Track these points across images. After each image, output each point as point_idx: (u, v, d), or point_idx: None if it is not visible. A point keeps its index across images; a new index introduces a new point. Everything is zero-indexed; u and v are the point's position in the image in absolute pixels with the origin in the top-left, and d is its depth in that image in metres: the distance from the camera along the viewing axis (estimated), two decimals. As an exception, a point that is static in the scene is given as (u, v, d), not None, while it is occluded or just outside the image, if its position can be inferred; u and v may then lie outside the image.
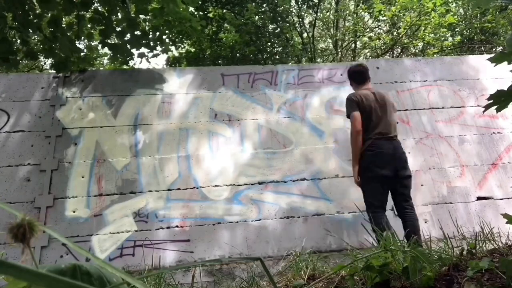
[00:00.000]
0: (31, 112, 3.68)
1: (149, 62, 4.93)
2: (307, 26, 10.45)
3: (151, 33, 4.13)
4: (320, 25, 10.80)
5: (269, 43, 8.86)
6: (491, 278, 0.98)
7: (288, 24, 9.27)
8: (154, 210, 3.38)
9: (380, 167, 2.73)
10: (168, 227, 3.33)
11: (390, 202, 3.58)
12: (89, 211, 3.31)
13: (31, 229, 0.44)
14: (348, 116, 2.93)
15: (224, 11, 9.15)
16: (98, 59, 10.44)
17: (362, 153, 2.82)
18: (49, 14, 3.76)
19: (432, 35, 9.23)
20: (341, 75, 4.25)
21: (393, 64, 4.39)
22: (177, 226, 3.34)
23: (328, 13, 10.63)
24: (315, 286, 1.20)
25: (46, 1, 3.44)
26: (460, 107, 4.15)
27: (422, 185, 3.69)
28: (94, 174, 3.47)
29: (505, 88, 1.13)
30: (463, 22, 9.97)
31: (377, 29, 10.09)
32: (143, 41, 4.08)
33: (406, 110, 4.08)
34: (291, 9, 9.45)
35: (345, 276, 1.15)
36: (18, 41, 4.13)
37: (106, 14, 3.86)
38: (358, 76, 3.10)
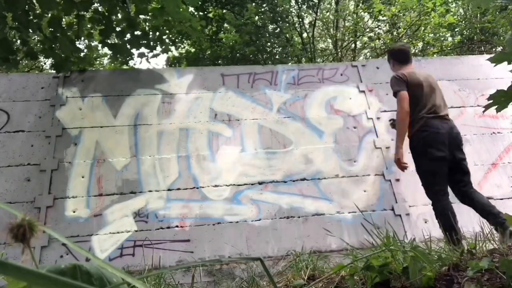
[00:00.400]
0: (31, 112, 3.68)
1: (149, 62, 4.94)
2: (307, 26, 10.45)
3: (151, 33, 4.14)
4: (320, 25, 10.80)
5: (269, 43, 8.86)
6: (491, 278, 0.98)
7: (288, 24, 9.27)
8: (154, 210, 3.38)
9: (436, 148, 2.53)
10: (168, 227, 3.33)
11: (390, 202, 3.58)
12: (89, 211, 3.31)
13: (31, 229, 0.44)
14: (395, 95, 2.75)
15: (224, 11, 9.16)
16: (98, 59, 10.44)
17: (414, 134, 2.64)
18: (49, 14, 3.76)
19: (432, 35, 9.23)
20: (341, 75, 4.25)
21: (393, 64, 4.39)
22: (177, 226, 3.34)
23: (328, 13, 10.63)
24: (315, 286, 1.20)
25: (46, 1, 3.44)
26: (460, 107, 4.15)
27: (422, 185, 3.68)
28: (94, 174, 3.47)
29: (505, 88, 1.13)
30: (463, 22, 9.97)
31: (377, 29, 10.09)
32: (143, 41, 4.08)
33: (406, 110, 4.07)
34: (291, 9, 9.46)
35: (345, 276, 1.15)
36: (18, 41, 4.13)
37: (106, 14, 3.86)
38: (402, 55, 2.94)
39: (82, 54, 4.05)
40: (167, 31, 4.53)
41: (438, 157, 2.53)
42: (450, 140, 2.58)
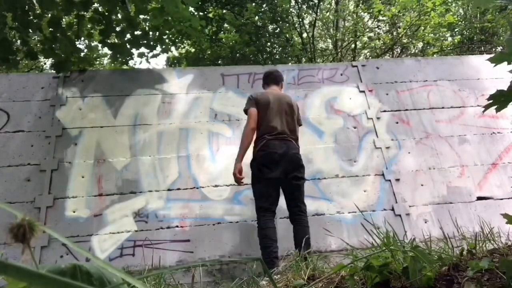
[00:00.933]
0: (31, 112, 3.68)
1: (149, 62, 4.94)
2: (307, 26, 10.45)
3: (151, 33, 4.14)
4: (320, 25, 10.80)
5: (269, 43, 8.86)
6: (491, 278, 0.98)
7: (288, 24, 9.27)
8: (154, 210, 3.38)
9: (269, 168, 2.70)
10: (168, 227, 3.33)
11: (390, 202, 3.58)
12: (89, 211, 3.31)
13: (31, 229, 0.44)
14: (246, 112, 2.94)
15: (224, 11, 9.15)
16: (98, 59, 10.44)
17: (255, 153, 2.82)
18: (49, 14, 3.76)
19: (432, 35, 9.23)
20: (341, 75, 4.25)
21: (393, 64, 4.39)
22: (177, 226, 3.34)
23: (328, 13, 10.63)
24: (315, 286, 1.20)
25: (45, 1, 3.44)
26: (460, 107, 4.15)
27: (422, 185, 3.69)
28: (94, 174, 3.47)
29: (505, 88, 1.13)
30: (463, 22, 9.97)
31: (377, 29, 10.08)
32: (143, 41, 4.08)
33: (406, 110, 4.08)
34: (291, 9, 9.45)
35: (345, 276, 1.15)
36: (18, 41, 4.13)
37: (106, 14, 3.86)
38: (265, 78, 3.18)
39: (82, 54, 4.05)
40: (167, 31, 4.53)
41: (269, 177, 2.70)
42: (284, 160, 2.72)
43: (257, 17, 8.58)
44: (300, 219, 2.73)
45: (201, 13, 8.83)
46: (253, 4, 8.42)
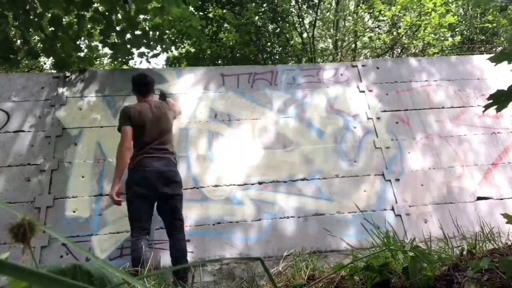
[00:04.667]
0: (31, 112, 3.68)
1: (149, 62, 4.94)
2: (307, 26, 10.44)
3: (151, 32, 4.14)
4: (320, 25, 10.80)
5: (269, 43, 8.86)
6: (491, 278, 0.98)
7: (288, 24, 9.27)
8: (154, 210, 3.38)
9: (140, 185, 2.67)
10: (168, 227, 3.33)
11: (390, 202, 3.58)
12: (89, 211, 3.31)
13: (31, 229, 0.44)
14: (119, 130, 2.88)
15: (224, 11, 9.16)
16: (98, 59, 10.44)
17: (129, 172, 2.77)
18: (50, 14, 3.76)
19: (432, 35, 9.22)
20: (341, 75, 4.25)
21: (393, 64, 4.39)
22: (177, 226, 3.34)
23: (328, 13, 10.63)
24: (315, 286, 1.20)
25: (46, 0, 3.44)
26: (460, 107, 4.15)
27: (422, 185, 3.69)
28: (94, 174, 3.47)
29: (505, 88, 1.13)
30: (463, 22, 9.97)
31: (377, 29, 10.08)
32: (143, 41, 4.08)
33: (406, 110, 4.08)
34: (291, 9, 9.45)
35: (345, 276, 1.15)
36: (19, 40, 4.13)
37: (106, 14, 3.86)
38: (140, 87, 3.06)
39: (82, 54, 4.05)
40: (167, 31, 4.53)
41: (140, 194, 2.67)
42: (158, 178, 2.71)
43: (257, 17, 8.58)
44: (174, 235, 2.74)
45: (201, 13, 8.83)
46: (253, 4, 8.42)
